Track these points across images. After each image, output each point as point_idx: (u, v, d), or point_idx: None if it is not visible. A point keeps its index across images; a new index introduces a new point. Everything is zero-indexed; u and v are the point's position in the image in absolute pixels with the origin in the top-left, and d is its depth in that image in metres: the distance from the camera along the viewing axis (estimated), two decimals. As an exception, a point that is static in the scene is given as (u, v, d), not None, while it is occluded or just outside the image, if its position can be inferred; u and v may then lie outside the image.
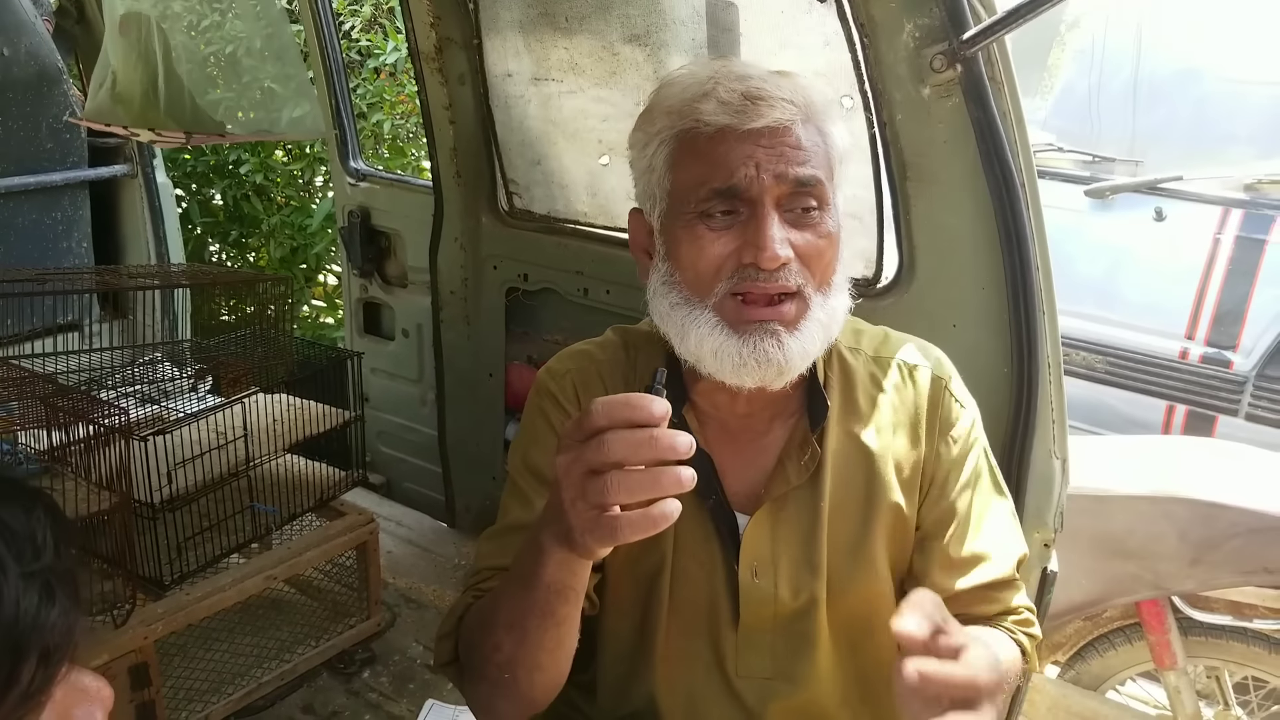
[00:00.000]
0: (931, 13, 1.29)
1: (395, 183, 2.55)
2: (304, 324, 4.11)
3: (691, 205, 0.92)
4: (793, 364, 0.91)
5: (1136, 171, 2.73)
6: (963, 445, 1.03)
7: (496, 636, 0.87)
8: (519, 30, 1.94)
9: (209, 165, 4.10)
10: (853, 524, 1.01)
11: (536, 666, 0.87)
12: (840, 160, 0.95)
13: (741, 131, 0.89)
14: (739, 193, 0.90)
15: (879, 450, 1.01)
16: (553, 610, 0.82)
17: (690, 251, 0.92)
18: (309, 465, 2.11)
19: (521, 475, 1.03)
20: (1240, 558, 1.64)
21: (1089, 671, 1.92)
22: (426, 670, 2.02)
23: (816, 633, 1.01)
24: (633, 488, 0.69)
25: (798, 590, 0.99)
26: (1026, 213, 1.32)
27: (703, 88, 0.92)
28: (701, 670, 1.03)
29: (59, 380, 1.90)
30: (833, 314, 0.94)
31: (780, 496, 1.00)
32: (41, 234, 2.61)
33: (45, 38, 2.53)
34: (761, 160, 0.89)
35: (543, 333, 2.27)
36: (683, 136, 0.93)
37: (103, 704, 0.54)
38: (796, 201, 0.91)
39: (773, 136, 0.89)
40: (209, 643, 1.96)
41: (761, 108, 0.89)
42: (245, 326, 2.31)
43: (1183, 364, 2.57)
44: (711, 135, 0.91)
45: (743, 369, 0.90)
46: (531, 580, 0.81)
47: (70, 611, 0.52)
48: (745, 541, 0.99)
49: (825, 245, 0.92)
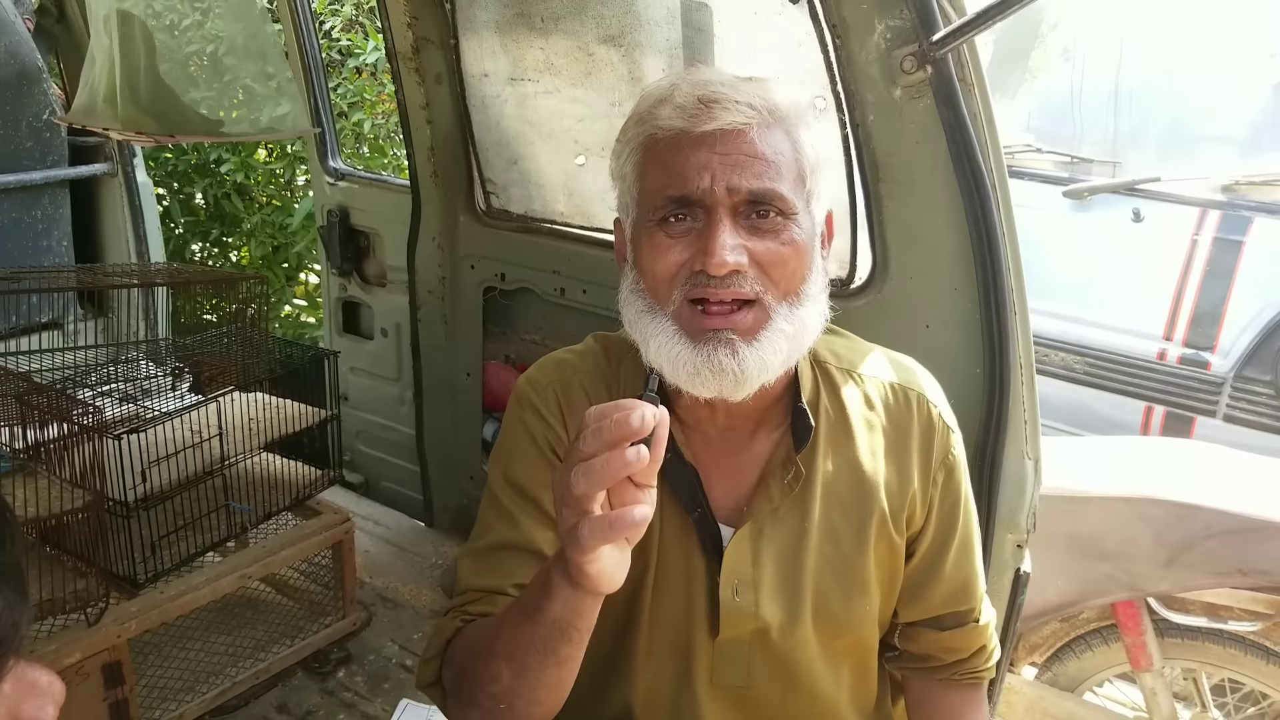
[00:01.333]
0: (902, 14, 1.30)
1: (374, 182, 2.55)
2: (285, 323, 4.09)
3: (651, 212, 0.92)
4: (749, 374, 0.88)
5: (1115, 173, 2.74)
6: (957, 473, 1.04)
7: (495, 667, 0.85)
8: (495, 30, 1.94)
9: (190, 164, 4.08)
10: (843, 546, 1.00)
11: (535, 701, 0.85)
12: (813, 168, 0.94)
13: (695, 135, 0.89)
14: (693, 201, 0.89)
15: (871, 473, 1.00)
16: (555, 649, 0.80)
17: (649, 257, 0.92)
18: (285, 464, 2.10)
19: (503, 489, 1.01)
20: (1215, 559, 1.64)
21: (1066, 673, 1.92)
22: (402, 670, 2.02)
23: (797, 650, 1.00)
24: (590, 475, 0.68)
25: (779, 610, 0.99)
26: (997, 213, 1.33)
27: (664, 94, 0.92)
28: (679, 679, 1.02)
29: (35, 379, 1.89)
30: (802, 325, 0.92)
31: (763, 515, 0.99)
32: (21, 233, 2.60)
33: (26, 36, 2.52)
34: (716, 170, 0.88)
35: (520, 332, 2.27)
36: (647, 143, 0.93)
37: (54, 698, 0.54)
38: (754, 210, 0.90)
39: (727, 142, 0.88)
40: (183, 641, 1.96)
41: (715, 110, 0.88)
42: (225, 325, 2.30)
43: (1161, 365, 2.58)
44: (669, 141, 0.90)
45: (698, 378, 0.89)
46: (536, 615, 0.79)
47: (16, 605, 0.52)
48: (727, 560, 0.98)
49: (789, 254, 0.90)
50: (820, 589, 0.99)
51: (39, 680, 0.54)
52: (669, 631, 1.01)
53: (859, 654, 1.06)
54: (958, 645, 1.06)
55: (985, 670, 1.08)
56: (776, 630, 0.99)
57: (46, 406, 1.62)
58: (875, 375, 1.05)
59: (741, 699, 1.02)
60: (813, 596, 0.99)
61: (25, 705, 0.53)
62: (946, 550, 1.04)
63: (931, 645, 1.06)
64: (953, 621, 1.05)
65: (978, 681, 1.09)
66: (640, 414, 0.67)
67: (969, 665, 1.07)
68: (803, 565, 0.99)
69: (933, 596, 1.05)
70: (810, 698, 1.03)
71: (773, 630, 0.99)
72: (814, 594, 0.99)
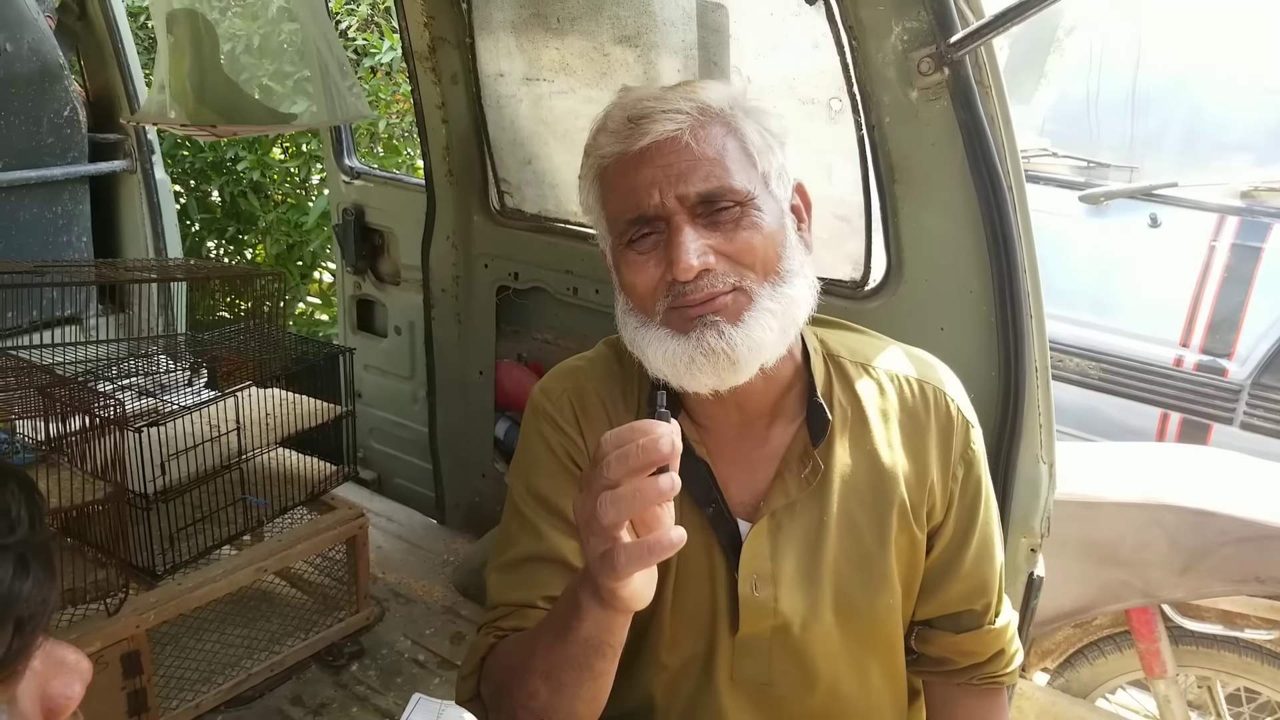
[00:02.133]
0: (919, 16, 1.29)
1: (389, 181, 2.57)
2: (299, 321, 4.12)
3: (619, 237, 0.95)
4: (741, 354, 0.89)
5: (1131, 177, 2.72)
6: (976, 468, 1.04)
7: (532, 685, 0.87)
8: (511, 30, 1.95)
9: (207, 162, 4.12)
10: (864, 539, 1.00)
11: (573, 714, 0.87)
12: (764, 150, 0.94)
13: (634, 154, 0.91)
14: (650, 217, 0.91)
15: (889, 465, 1.00)
16: (590, 665, 0.82)
17: (629, 278, 0.94)
18: (301, 459, 2.12)
19: (525, 501, 1.03)
20: (1231, 566, 1.63)
21: (1078, 679, 1.91)
22: (414, 665, 2.03)
23: (819, 646, 1.00)
24: (619, 503, 0.69)
25: (799, 604, 0.99)
26: (1014, 216, 1.32)
27: (600, 123, 0.96)
28: (699, 675, 1.03)
29: (56, 371, 1.91)
30: (790, 301, 0.93)
31: (781, 509, 0.99)
32: (42, 228, 2.63)
33: (47, 33, 2.55)
34: (662, 183, 0.90)
35: (533, 331, 2.28)
36: (598, 173, 0.96)
37: (81, 676, 0.55)
38: (709, 209, 0.91)
39: (665, 153, 0.90)
40: (200, 633, 1.98)
41: (645, 125, 0.91)
42: (241, 321, 2.33)
43: (1177, 371, 2.56)
44: (614, 166, 0.94)
45: (693, 366, 0.90)
46: (567, 634, 0.81)
47: (45, 583, 0.53)
48: (745, 555, 0.98)
49: (755, 239, 0.91)
50: (841, 582, 0.99)
51: (67, 658, 0.55)
52: (689, 627, 1.02)
53: (885, 653, 1.05)
54: (974, 648, 1.05)
55: (1005, 675, 1.07)
56: (798, 625, 0.99)
57: (69, 399, 1.64)
58: (891, 369, 1.05)
59: (762, 696, 1.02)
60: (833, 590, 0.99)
61: (54, 682, 0.54)
62: (966, 546, 1.03)
63: (947, 648, 1.05)
64: (969, 622, 1.05)
65: (997, 686, 1.07)
66: (669, 440, 0.68)
67: (987, 669, 1.06)
68: (822, 558, 0.99)
69: (950, 593, 1.04)
70: (831, 696, 1.03)
71: (794, 625, 0.99)
72: (834, 587, 0.99)
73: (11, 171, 2.51)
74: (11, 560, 0.51)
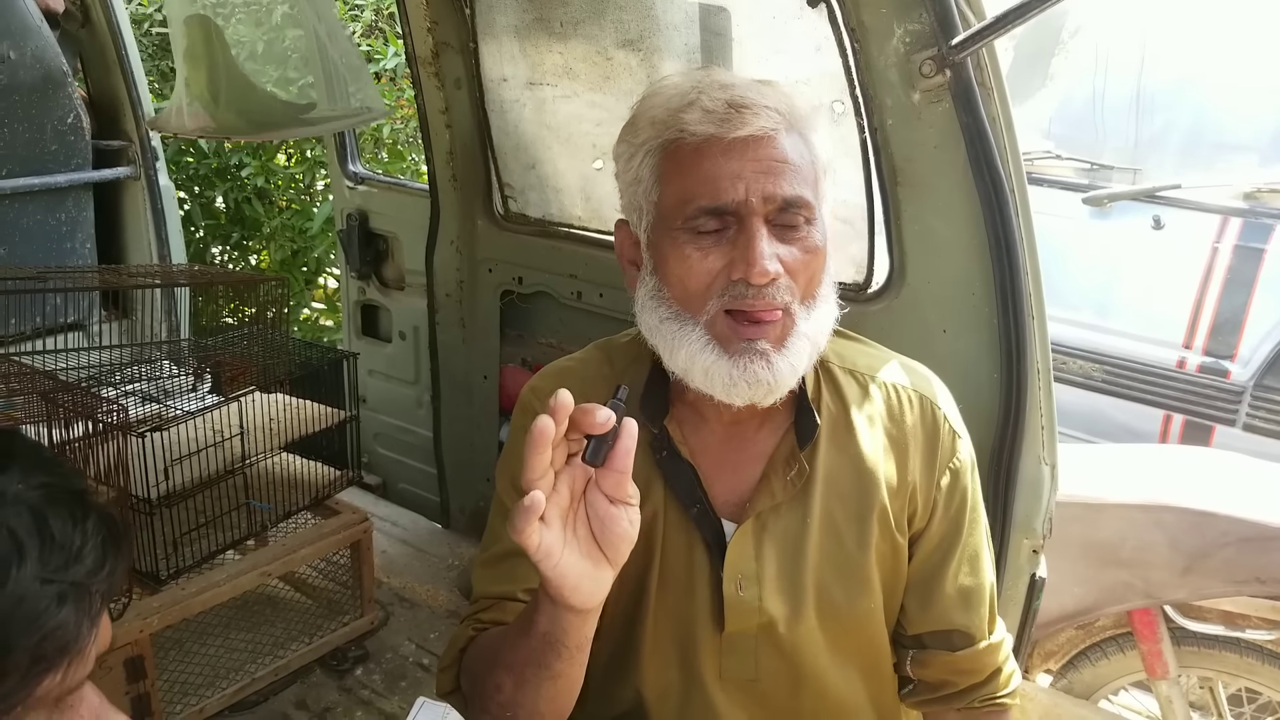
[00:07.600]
0: (921, 18, 1.30)
1: (393, 186, 2.57)
2: (304, 327, 4.13)
3: (679, 221, 0.91)
4: (782, 382, 0.90)
5: (1135, 179, 2.73)
6: (963, 478, 1.03)
7: (498, 677, 0.88)
8: (514, 35, 1.95)
9: (211, 168, 4.12)
10: (845, 543, 1.00)
11: (537, 713, 0.87)
12: (825, 171, 0.95)
13: (727, 142, 0.89)
14: (728, 211, 0.89)
15: (872, 469, 1.00)
16: (548, 663, 0.83)
17: (679, 268, 0.91)
18: (305, 464, 2.12)
19: (509, 496, 1.02)
20: (1232, 567, 1.63)
21: (1081, 680, 1.91)
22: (418, 669, 2.03)
23: (803, 645, 1.01)
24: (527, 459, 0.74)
25: (782, 604, 0.99)
26: (1016, 218, 1.32)
27: (686, 97, 0.91)
28: (687, 674, 1.03)
29: (60, 377, 1.92)
30: (818, 326, 0.93)
31: (765, 510, 0.99)
32: (46, 234, 2.64)
33: (51, 41, 2.55)
34: (750, 179, 0.88)
35: (537, 335, 2.28)
36: (668, 148, 0.92)
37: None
38: (784, 217, 0.90)
39: (758, 148, 0.89)
40: (204, 637, 1.98)
41: (746, 116, 0.88)
42: (245, 327, 2.33)
43: (1180, 373, 2.56)
44: (697, 147, 0.90)
45: (733, 389, 0.90)
46: (529, 628, 0.83)
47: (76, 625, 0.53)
48: (729, 555, 0.99)
49: (812, 259, 0.91)
50: (822, 583, 1.00)
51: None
52: (674, 626, 1.02)
53: (868, 655, 1.05)
54: (970, 667, 1.04)
55: (1005, 697, 1.05)
56: (782, 624, 1.00)
57: (73, 405, 1.65)
58: (879, 375, 1.06)
59: (752, 692, 1.03)
60: (815, 591, 1.00)
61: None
62: (951, 555, 1.03)
63: (944, 669, 1.05)
64: (962, 641, 1.03)
65: (1000, 709, 1.06)
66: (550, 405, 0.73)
67: (985, 691, 1.05)
68: (804, 559, 0.99)
69: (939, 603, 1.03)
70: (819, 694, 1.03)
71: (778, 624, 0.99)
72: (816, 588, 1.00)
73: (15, 179, 2.52)
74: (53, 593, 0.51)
